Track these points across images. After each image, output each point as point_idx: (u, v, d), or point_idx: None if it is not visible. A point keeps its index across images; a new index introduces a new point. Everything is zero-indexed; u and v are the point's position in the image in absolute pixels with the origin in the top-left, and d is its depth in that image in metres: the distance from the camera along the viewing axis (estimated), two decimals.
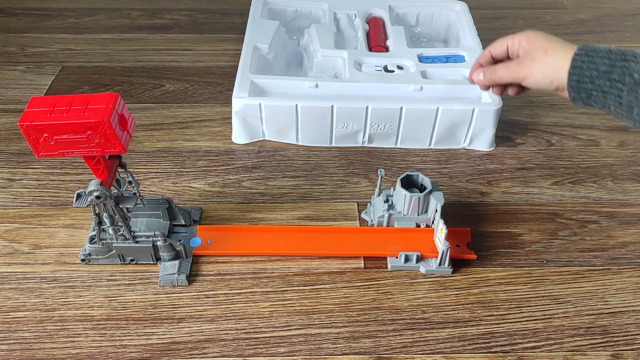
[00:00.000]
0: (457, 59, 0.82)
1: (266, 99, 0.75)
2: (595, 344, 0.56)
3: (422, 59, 0.82)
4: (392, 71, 0.80)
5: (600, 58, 0.49)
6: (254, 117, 0.76)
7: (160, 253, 0.60)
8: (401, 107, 0.73)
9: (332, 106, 0.73)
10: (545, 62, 0.53)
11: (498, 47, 0.59)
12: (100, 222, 0.57)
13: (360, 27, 0.88)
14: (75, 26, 1.02)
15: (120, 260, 0.61)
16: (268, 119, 0.76)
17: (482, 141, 0.77)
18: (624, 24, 1.07)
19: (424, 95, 0.76)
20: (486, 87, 0.60)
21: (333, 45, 0.83)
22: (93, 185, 0.52)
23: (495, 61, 0.60)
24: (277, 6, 0.93)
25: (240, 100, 0.74)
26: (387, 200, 0.64)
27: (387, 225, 0.65)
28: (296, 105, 0.74)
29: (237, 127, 0.78)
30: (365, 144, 0.78)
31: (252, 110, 0.75)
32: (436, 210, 0.62)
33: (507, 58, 0.59)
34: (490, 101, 0.75)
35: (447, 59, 0.82)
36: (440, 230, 0.59)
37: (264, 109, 0.75)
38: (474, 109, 0.74)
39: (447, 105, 0.74)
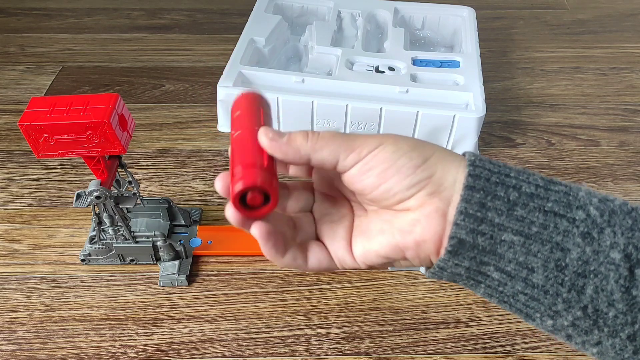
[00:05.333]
0: (452, 64, 0.82)
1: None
2: None
3: (415, 62, 0.82)
4: (383, 72, 0.80)
5: (517, 172, 0.28)
6: None
7: (160, 253, 0.60)
8: (381, 108, 0.73)
9: (313, 102, 0.74)
10: (419, 141, 0.29)
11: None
12: (100, 222, 0.57)
13: (362, 26, 0.88)
14: (75, 26, 1.02)
15: (120, 260, 0.61)
16: None
17: (464, 149, 0.76)
18: (624, 24, 1.07)
19: (409, 98, 0.75)
20: (293, 157, 0.30)
21: (329, 43, 0.84)
22: (93, 185, 0.52)
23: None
24: (284, 1, 0.94)
25: (223, 89, 0.75)
26: None
27: None
28: (277, 98, 0.74)
29: (222, 116, 0.79)
30: None
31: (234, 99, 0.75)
32: None
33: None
34: (474, 109, 0.74)
35: (442, 64, 0.82)
36: None
37: None
38: (454, 116, 0.72)
39: (427, 109, 0.73)
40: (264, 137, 0.29)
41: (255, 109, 0.32)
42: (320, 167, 0.30)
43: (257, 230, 0.30)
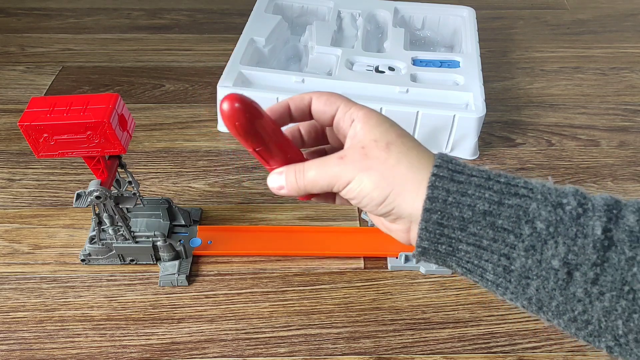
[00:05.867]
0: (452, 64, 0.82)
1: (248, 90, 0.75)
2: None
3: (415, 62, 0.82)
4: (383, 72, 0.80)
5: (476, 187, 0.31)
6: None
7: (160, 253, 0.60)
8: (380, 108, 0.73)
9: None
10: (385, 164, 0.33)
11: (316, 105, 0.36)
12: (100, 222, 0.57)
13: (362, 26, 0.88)
14: (75, 26, 1.02)
15: (120, 260, 0.61)
16: None
17: (465, 149, 0.76)
18: (624, 24, 1.07)
19: (409, 98, 0.75)
20: (296, 195, 0.37)
21: (329, 43, 0.84)
22: (93, 185, 0.52)
23: (292, 119, 0.38)
24: (283, 1, 0.94)
25: (223, 89, 0.75)
26: None
27: None
28: (277, 98, 0.74)
29: None
30: None
31: None
32: None
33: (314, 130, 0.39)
34: (474, 109, 0.74)
35: (442, 64, 0.82)
36: None
37: None
38: (454, 116, 0.72)
39: (427, 109, 0.73)
40: (272, 185, 0.37)
41: (269, 144, 0.35)
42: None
43: (314, 199, 0.39)
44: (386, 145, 0.33)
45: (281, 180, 0.36)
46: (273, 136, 0.34)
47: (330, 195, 0.39)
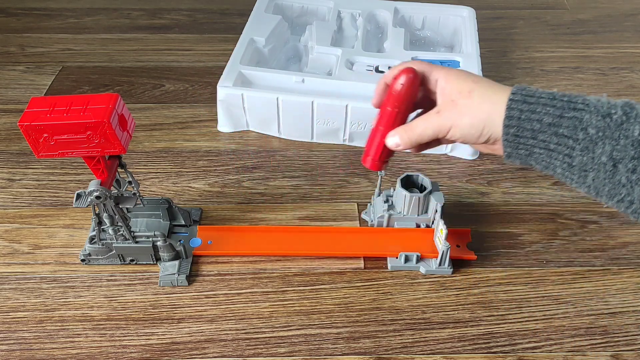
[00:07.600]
0: (452, 64, 0.82)
1: (248, 90, 0.75)
2: (596, 344, 0.56)
3: None
4: (383, 72, 0.80)
5: (543, 106, 0.40)
6: (237, 107, 0.77)
7: (160, 253, 0.60)
8: None
9: (313, 102, 0.74)
10: (472, 107, 0.43)
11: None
12: (100, 222, 0.57)
13: (362, 26, 0.88)
14: (75, 26, 1.02)
15: (120, 260, 0.61)
16: (250, 110, 0.77)
17: (464, 149, 0.76)
18: (624, 24, 1.07)
19: None
20: (410, 149, 0.48)
21: (329, 43, 0.84)
22: (93, 185, 0.52)
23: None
24: (283, 1, 0.94)
25: (224, 89, 0.75)
26: (387, 201, 0.64)
27: (387, 226, 0.65)
28: (277, 98, 0.74)
29: (222, 116, 0.79)
30: (347, 142, 0.78)
31: (235, 99, 0.76)
32: (436, 211, 0.62)
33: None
34: None
35: (442, 64, 0.82)
36: (440, 231, 0.59)
37: (247, 100, 0.75)
38: None
39: None
40: (390, 144, 0.48)
41: (404, 113, 0.47)
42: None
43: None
44: (469, 93, 0.43)
45: (396, 139, 0.47)
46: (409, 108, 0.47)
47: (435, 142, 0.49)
